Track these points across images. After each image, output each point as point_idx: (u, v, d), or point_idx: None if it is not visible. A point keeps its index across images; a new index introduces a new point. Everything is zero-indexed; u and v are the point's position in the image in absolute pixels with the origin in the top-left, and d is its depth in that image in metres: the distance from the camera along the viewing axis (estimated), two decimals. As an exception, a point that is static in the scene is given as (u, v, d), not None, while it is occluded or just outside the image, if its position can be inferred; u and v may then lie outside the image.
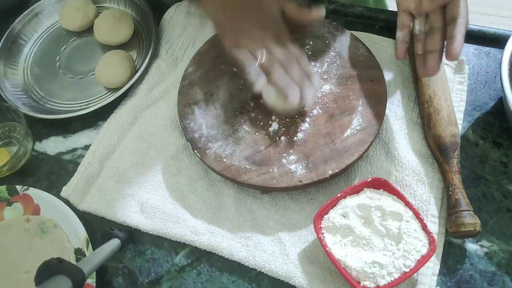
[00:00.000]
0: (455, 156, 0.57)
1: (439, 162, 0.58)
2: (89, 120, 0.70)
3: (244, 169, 0.58)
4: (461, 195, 0.55)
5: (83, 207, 0.62)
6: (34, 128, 0.70)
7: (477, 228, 0.53)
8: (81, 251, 0.59)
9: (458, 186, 0.56)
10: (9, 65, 0.77)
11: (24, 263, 0.60)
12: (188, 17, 0.77)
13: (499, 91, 0.65)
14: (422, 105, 0.62)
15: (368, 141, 0.58)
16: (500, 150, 0.61)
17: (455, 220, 0.53)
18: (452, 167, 0.57)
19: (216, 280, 0.57)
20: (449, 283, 0.54)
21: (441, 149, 0.58)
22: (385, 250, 0.51)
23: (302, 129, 0.61)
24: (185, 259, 0.59)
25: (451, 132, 0.58)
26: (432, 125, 0.59)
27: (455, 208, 0.54)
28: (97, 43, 0.77)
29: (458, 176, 0.56)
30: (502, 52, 0.58)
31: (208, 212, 0.60)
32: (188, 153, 0.65)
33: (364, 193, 0.55)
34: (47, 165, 0.68)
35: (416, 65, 0.60)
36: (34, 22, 0.81)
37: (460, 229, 0.53)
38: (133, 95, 0.70)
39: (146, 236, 0.60)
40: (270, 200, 0.60)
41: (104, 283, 0.58)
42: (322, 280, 0.54)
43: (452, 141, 0.58)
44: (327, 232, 0.54)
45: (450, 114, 0.59)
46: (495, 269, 0.54)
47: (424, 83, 0.62)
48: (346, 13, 0.74)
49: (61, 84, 0.75)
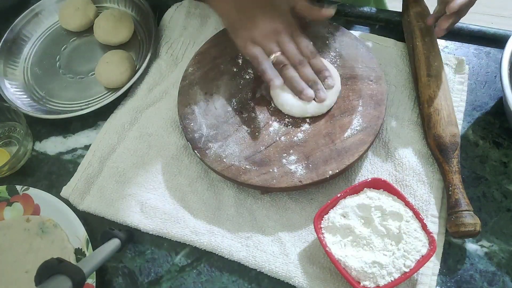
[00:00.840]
0: (455, 156, 0.57)
1: (439, 162, 0.58)
2: (89, 120, 0.70)
3: (244, 169, 0.58)
4: (461, 195, 0.55)
5: (83, 207, 0.62)
6: (34, 128, 0.70)
7: (477, 228, 0.53)
8: (81, 251, 0.59)
9: (458, 186, 0.56)
10: (9, 65, 0.77)
11: (24, 263, 0.60)
12: (188, 17, 0.77)
13: (499, 91, 0.65)
14: (422, 105, 0.62)
15: (368, 141, 0.58)
16: (500, 150, 0.61)
17: (455, 220, 0.53)
18: (452, 167, 0.57)
19: (216, 280, 0.57)
20: (449, 283, 0.54)
21: (441, 149, 0.58)
22: (385, 250, 0.51)
23: (302, 129, 0.61)
24: (185, 259, 0.59)
25: (451, 132, 0.58)
26: (432, 125, 0.59)
27: (455, 208, 0.54)
28: (97, 43, 0.77)
29: (458, 176, 0.56)
30: (502, 52, 0.58)
31: (208, 212, 0.60)
32: (188, 153, 0.65)
33: (364, 193, 0.55)
34: (47, 165, 0.68)
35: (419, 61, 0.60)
36: (34, 22, 0.81)
37: (460, 229, 0.53)
38: (133, 95, 0.70)
39: (146, 236, 0.60)
40: (270, 200, 0.60)
41: (104, 283, 0.58)
42: (322, 280, 0.54)
43: (452, 141, 0.57)
44: (327, 232, 0.54)
45: (450, 114, 0.59)
46: (495, 269, 0.54)
47: (424, 83, 0.62)
48: (346, 13, 0.74)
49: (61, 84, 0.75)
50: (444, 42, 0.70)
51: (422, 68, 0.63)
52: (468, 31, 0.70)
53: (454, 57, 0.67)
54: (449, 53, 0.69)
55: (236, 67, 0.67)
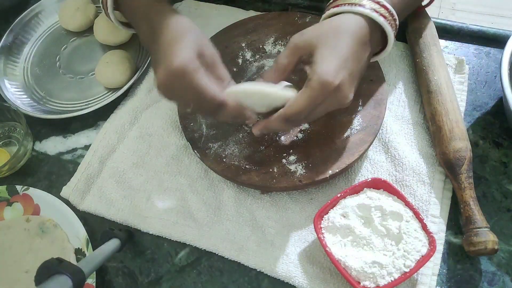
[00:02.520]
0: (462, 171, 0.55)
1: (450, 179, 0.57)
2: (89, 120, 0.70)
3: (244, 169, 0.58)
4: (472, 212, 0.53)
5: (83, 207, 0.62)
6: (34, 128, 0.70)
7: (488, 246, 0.51)
8: (81, 251, 0.59)
9: (469, 203, 0.54)
10: (9, 65, 0.77)
11: (24, 263, 0.60)
12: (189, 17, 0.76)
13: (499, 91, 0.65)
14: (427, 123, 0.61)
15: (368, 141, 0.58)
16: (500, 150, 0.61)
17: (466, 239, 0.53)
18: (460, 184, 0.55)
19: (216, 280, 0.57)
20: (449, 283, 0.54)
21: (447, 166, 0.57)
22: (385, 250, 0.51)
23: (302, 129, 0.61)
24: (185, 259, 0.59)
25: (454, 147, 0.56)
26: (437, 142, 0.59)
27: (466, 226, 0.53)
28: (97, 43, 0.77)
29: (469, 192, 0.55)
30: (502, 52, 0.58)
31: (208, 212, 0.60)
32: (188, 153, 0.65)
33: (364, 193, 0.55)
34: (47, 165, 0.68)
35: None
36: (34, 22, 0.81)
37: (470, 248, 0.52)
38: (133, 95, 0.70)
39: (146, 236, 0.60)
40: (270, 200, 0.60)
41: (104, 283, 0.58)
42: (322, 280, 0.54)
43: (456, 157, 0.56)
44: (327, 232, 0.54)
45: (453, 128, 0.57)
46: (495, 269, 0.54)
47: (425, 100, 0.61)
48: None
49: (61, 84, 0.75)
50: (444, 42, 0.70)
51: (423, 85, 0.62)
52: (468, 31, 0.70)
53: (454, 57, 0.67)
54: (449, 53, 0.69)
55: (236, 67, 0.67)
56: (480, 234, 0.52)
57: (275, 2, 0.77)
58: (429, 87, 0.61)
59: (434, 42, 0.65)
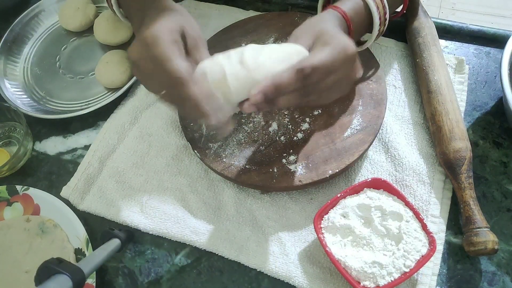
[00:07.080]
0: (462, 171, 0.55)
1: (450, 179, 0.57)
2: (89, 120, 0.70)
3: (244, 169, 0.58)
4: (472, 212, 0.54)
5: (83, 207, 0.62)
6: (34, 128, 0.70)
7: (488, 246, 0.51)
8: (81, 251, 0.59)
9: (469, 203, 0.54)
10: (9, 65, 0.77)
11: (24, 263, 0.60)
12: (188, 17, 0.76)
13: (499, 91, 0.65)
14: (428, 123, 0.61)
15: (368, 141, 0.58)
16: (500, 150, 0.61)
17: (466, 239, 0.53)
18: (460, 184, 0.55)
19: (216, 280, 0.57)
20: (449, 283, 0.54)
21: (447, 166, 0.57)
22: (385, 250, 0.51)
23: (302, 129, 0.61)
24: (185, 259, 0.59)
25: (454, 147, 0.56)
26: (437, 142, 0.59)
27: (466, 226, 0.54)
28: (97, 43, 0.77)
29: (469, 192, 0.55)
30: (502, 52, 0.58)
31: (208, 212, 0.60)
32: (188, 153, 0.65)
33: (364, 193, 0.55)
34: (47, 165, 0.68)
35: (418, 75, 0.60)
36: (34, 22, 0.81)
37: (470, 248, 0.52)
38: (133, 95, 0.70)
39: (146, 236, 0.60)
40: (270, 200, 0.60)
41: (104, 283, 0.58)
42: (322, 280, 0.54)
43: (456, 157, 0.56)
44: (327, 232, 0.54)
45: (453, 128, 0.58)
46: (495, 269, 0.54)
47: (425, 100, 0.62)
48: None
49: (61, 84, 0.75)
50: (444, 42, 0.70)
51: (423, 85, 0.62)
52: (468, 31, 0.70)
53: (454, 57, 0.67)
54: (449, 53, 0.69)
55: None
56: (480, 234, 0.52)
57: (275, 2, 0.77)
58: (429, 87, 0.61)
59: (434, 42, 0.65)
